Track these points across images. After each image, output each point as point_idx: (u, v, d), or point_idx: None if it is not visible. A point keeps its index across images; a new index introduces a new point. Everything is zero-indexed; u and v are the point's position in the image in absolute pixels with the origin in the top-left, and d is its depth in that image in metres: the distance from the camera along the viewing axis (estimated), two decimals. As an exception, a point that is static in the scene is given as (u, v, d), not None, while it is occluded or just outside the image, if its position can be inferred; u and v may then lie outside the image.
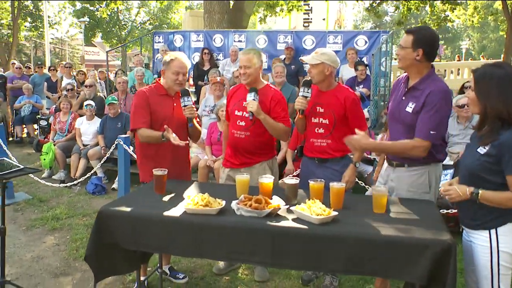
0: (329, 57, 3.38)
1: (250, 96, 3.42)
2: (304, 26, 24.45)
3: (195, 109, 3.46)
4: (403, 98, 2.96)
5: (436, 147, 2.88)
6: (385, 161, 3.20)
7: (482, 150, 2.28)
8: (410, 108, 2.88)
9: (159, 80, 3.58)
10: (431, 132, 2.77)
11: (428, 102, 2.79)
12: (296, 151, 5.35)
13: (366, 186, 4.92)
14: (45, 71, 11.76)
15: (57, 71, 11.44)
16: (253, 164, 3.63)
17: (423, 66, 2.87)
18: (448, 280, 2.15)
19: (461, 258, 2.52)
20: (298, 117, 3.51)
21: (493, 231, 2.30)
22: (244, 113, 3.55)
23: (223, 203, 2.59)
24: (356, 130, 2.96)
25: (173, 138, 3.17)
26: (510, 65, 2.35)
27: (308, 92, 3.37)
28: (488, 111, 2.26)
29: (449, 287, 2.14)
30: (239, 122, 3.60)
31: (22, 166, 3.22)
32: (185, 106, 3.39)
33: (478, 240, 2.36)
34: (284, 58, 9.00)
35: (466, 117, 5.37)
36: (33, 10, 32.69)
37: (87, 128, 7.29)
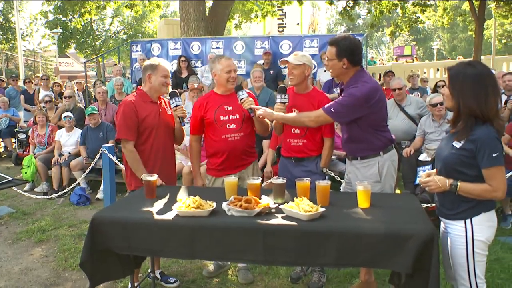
0: (308, 59, 3.57)
1: (244, 94, 3.48)
2: (278, 31, 24.72)
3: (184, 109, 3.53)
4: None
5: (372, 135, 3.24)
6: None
7: (457, 144, 2.40)
8: None
9: (139, 88, 3.62)
10: (331, 109, 3.16)
11: (346, 91, 3.18)
12: (277, 151, 5.49)
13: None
14: (20, 83, 11.62)
15: (32, 83, 11.32)
16: (248, 166, 3.71)
17: (351, 71, 3.21)
18: (431, 268, 2.28)
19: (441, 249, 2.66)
20: (278, 122, 3.63)
21: (468, 221, 2.42)
22: (231, 116, 3.59)
23: (214, 204, 2.67)
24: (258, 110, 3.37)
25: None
26: (483, 65, 2.48)
27: (285, 98, 3.49)
28: (462, 109, 2.38)
29: (433, 275, 2.27)
30: (229, 126, 3.60)
31: (10, 178, 3.23)
32: (176, 106, 3.46)
33: (454, 230, 2.47)
34: (263, 63, 9.12)
35: (440, 115, 5.57)
36: (3, 22, 32.16)
37: (67, 140, 7.26)
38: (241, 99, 3.46)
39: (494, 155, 2.29)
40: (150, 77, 3.50)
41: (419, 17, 19.58)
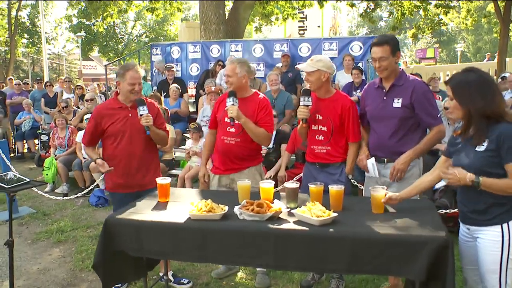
0: (324, 63, 3.43)
1: (229, 101, 3.49)
2: (299, 33, 24.63)
3: (151, 117, 3.47)
4: (385, 97, 3.27)
5: (420, 135, 3.26)
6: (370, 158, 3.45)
7: (481, 147, 2.33)
8: (397, 103, 3.21)
9: (116, 92, 3.68)
10: (438, 116, 3.19)
11: (420, 94, 3.17)
12: (295, 155, 5.42)
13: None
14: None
15: (53, 86, 11.55)
16: (242, 170, 3.69)
17: (397, 66, 3.26)
18: (447, 275, 2.22)
19: (458, 257, 2.58)
20: (302, 125, 3.55)
21: (505, 225, 2.34)
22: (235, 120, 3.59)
23: (226, 208, 2.67)
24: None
25: (100, 166, 3.44)
26: (479, 69, 2.47)
27: (308, 101, 3.42)
28: (473, 113, 2.34)
29: (449, 283, 2.21)
30: (229, 129, 3.65)
31: (28, 179, 3.29)
32: (141, 115, 3.45)
33: (488, 235, 2.38)
34: (281, 66, 9.09)
35: (454, 118, 5.45)
36: (30, 26, 32.96)
37: (89, 142, 7.35)
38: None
39: None
40: (119, 84, 3.57)
41: (441, 19, 19.26)
